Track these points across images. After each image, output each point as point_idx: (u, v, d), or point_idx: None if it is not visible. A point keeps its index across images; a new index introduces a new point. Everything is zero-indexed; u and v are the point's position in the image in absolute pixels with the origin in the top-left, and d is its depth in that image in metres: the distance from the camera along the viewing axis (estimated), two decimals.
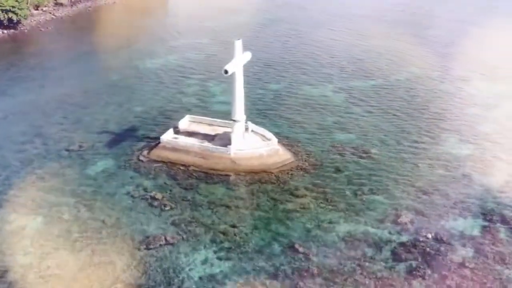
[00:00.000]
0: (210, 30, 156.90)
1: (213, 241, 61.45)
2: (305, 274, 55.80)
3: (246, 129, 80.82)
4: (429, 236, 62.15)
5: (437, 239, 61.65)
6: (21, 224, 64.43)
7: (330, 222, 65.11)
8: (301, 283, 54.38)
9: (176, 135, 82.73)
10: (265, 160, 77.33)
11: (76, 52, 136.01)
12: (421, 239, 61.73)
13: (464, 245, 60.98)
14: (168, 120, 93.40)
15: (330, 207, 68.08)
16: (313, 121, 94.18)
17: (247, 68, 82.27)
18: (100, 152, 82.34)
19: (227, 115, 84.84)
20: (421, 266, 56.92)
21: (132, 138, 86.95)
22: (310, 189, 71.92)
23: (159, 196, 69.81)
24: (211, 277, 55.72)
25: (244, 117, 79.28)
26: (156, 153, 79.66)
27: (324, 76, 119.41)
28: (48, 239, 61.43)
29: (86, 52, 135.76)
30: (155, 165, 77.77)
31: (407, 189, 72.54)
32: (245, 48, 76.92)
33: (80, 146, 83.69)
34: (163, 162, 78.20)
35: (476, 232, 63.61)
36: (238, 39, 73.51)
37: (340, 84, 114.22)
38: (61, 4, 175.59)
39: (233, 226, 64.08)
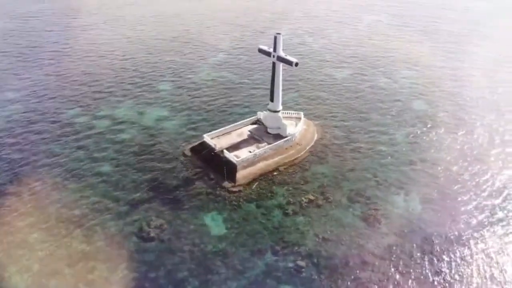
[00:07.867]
0: None
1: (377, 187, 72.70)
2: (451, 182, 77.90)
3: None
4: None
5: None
6: None
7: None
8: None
9: (234, 153, 75.64)
10: (310, 132, 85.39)
11: None
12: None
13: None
14: (165, 154, 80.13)
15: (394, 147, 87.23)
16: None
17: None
18: (183, 215, 65.82)
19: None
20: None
21: (182, 186, 72.29)
22: (363, 136, 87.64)
23: (311, 197, 69.36)
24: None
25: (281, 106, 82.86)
26: (241, 175, 72.22)
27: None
28: None
29: None
30: (253, 186, 71.53)
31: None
32: None
33: (160, 226, 63.49)
34: (254, 179, 72.75)
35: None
36: (278, 33, 74.14)
37: None
38: None
39: (376, 176, 75.49)
